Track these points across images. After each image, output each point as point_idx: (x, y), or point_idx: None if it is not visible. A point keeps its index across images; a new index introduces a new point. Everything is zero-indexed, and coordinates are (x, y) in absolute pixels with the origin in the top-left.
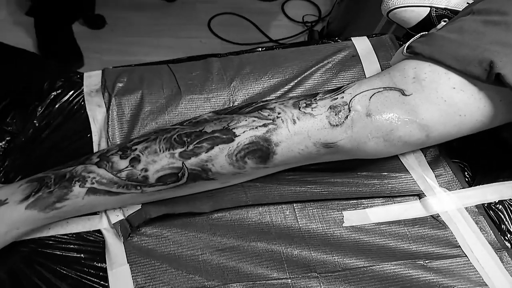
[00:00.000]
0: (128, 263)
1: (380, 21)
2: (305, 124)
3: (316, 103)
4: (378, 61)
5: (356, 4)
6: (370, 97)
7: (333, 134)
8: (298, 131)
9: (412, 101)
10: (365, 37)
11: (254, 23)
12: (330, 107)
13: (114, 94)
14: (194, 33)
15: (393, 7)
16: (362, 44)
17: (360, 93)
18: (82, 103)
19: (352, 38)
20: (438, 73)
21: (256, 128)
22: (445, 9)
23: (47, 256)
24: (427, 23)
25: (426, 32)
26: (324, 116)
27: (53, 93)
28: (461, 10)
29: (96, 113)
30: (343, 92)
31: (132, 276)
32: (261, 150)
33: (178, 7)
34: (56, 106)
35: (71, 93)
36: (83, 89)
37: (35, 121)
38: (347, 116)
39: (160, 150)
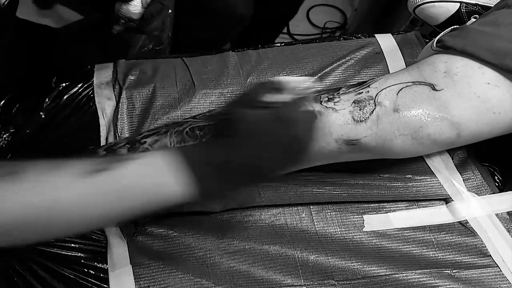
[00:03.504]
0: (131, 264)
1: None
2: (326, 119)
3: (339, 97)
4: (403, 58)
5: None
6: (398, 92)
7: (357, 130)
8: (319, 126)
9: (443, 96)
10: (389, 34)
11: None
12: (354, 102)
13: (125, 86)
14: None
15: (420, 3)
16: (386, 41)
17: (387, 87)
18: (91, 95)
19: (376, 35)
20: (472, 67)
21: None
22: (476, 4)
23: (44, 254)
24: (456, 20)
25: (457, 26)
26: (347, 111)
27: (61, 85)
28: (493, 5)
29: (105, 106)
30: (368, 86)
31: (135, 279)
32: None
33: None
34: (64, 98)
35: (80, 85)
36: (93, 81)
37: (41, 113)
38: (372, 111)
39: (171, 144)
